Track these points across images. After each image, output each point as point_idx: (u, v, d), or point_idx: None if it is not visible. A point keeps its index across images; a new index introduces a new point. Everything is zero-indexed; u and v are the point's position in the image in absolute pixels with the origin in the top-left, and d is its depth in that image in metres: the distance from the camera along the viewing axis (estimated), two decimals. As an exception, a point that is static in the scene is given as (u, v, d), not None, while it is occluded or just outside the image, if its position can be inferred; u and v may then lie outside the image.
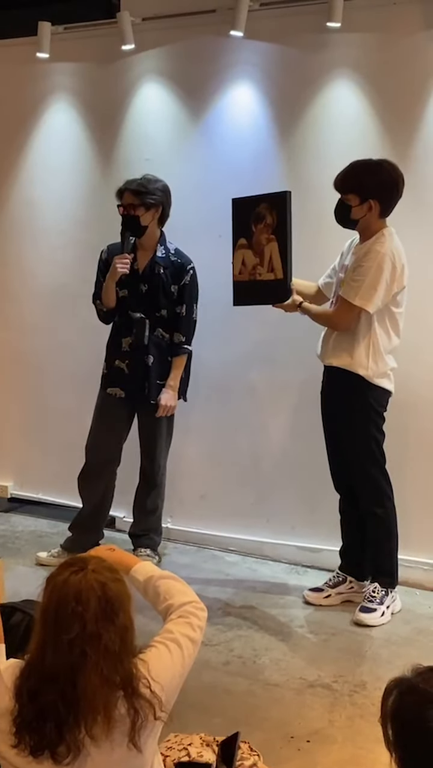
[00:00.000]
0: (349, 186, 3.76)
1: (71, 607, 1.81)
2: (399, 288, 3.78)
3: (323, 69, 4.30)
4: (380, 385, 3.84)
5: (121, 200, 4.21)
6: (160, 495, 4.52)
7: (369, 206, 3.74)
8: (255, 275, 3.92)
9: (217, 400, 4.68)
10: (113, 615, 1.83)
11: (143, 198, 4.16)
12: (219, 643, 3.58)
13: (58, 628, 1.81)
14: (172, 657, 1.96)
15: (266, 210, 3.86)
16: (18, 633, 2.44)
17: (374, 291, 3.70)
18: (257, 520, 4.61)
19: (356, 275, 3.74)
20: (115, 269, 4.18)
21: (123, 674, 1.84)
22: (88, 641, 1.80)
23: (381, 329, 3.80)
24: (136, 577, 2.17)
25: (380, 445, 3.89)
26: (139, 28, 4.68)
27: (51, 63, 4.96)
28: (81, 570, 1.86)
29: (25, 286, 5.22)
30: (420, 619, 3.90)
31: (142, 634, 1.97)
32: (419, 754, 1.53)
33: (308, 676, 3.34)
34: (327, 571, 4.21)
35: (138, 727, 1.84)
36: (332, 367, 3.88)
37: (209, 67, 4.59)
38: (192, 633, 2.03)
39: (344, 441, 3.94)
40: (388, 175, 3.75)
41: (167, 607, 2.10)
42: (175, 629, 2.03)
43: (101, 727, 1.81)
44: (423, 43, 4.10)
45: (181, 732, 2.41)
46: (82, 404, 4.66)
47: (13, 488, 5.37)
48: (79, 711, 1.80)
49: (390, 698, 1.59)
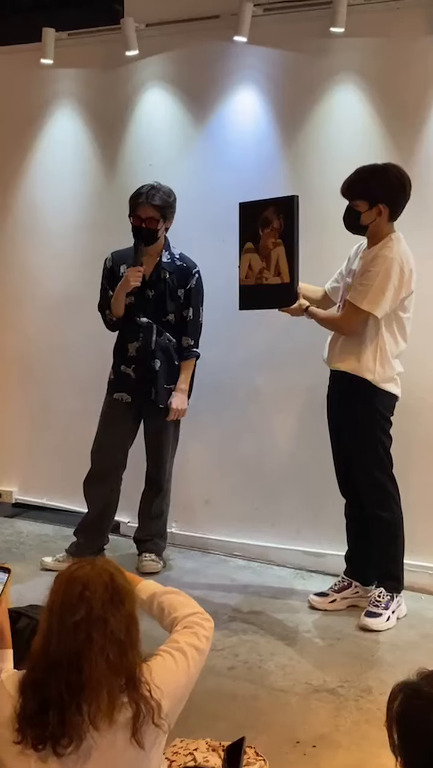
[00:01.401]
0: (357, 192, 3.76)
1: (78, 591, 1.83)
2: (407, 293, 3.78)
3: (326, 74, 4.31)
4: (386, 389, 3.84)
5: (137, 211, 4.19)
6: (166, 500, 4.52)
7: (378, 211, 3.74)
8: (262, 279, 3.92)
9: (222, 405, 4.68)
10: (119, 602, 1.85)
11: (163, 211, 4.17)
12: (224, 648, 3.58)
13: (64, 612, 1.82)
14: (177, 666, 1.96)
15: (273, 214, 3.86)
16: (24, 638, 2.43)
17: (382, 296, 3.70)
18: (262, 525, 4.61)
19: (364, 280, 3.75)
20: (128, 282, 4.18)
21: (127, 666, 1.84)
22: (94, 625, 1.81)
23: (388, 334, 3.80)
24: (139, 595, 2.15)
25: (387, 450, 3.89)
26: (143, 34, 4.69)
27: (55, 69, 4.98)
28: (89, 564, 1.89)
29: (29, 290, 5.23)
30: (426, 623, 3.89)
31: (148, 639, 1.97)
32: (425, 757, 1.53)
33: (314, 681, 3.33)
34: (332, 575, 4.20)
35: (140, 722, 1.83)
36: (339, 371, 3.88)
37: (213, 73, 4.60)
38: (198, 643, 2.03)
39: (351, 445, 3.94)
40: (395, 179, 3.75)
41: (172, 620, 2.11)
42: (181, 639, 2.03)
43: (104, 716, 1.80)
44: (426, 47, 4.10)
45: (187, 737, 2.41)
46: (87, 409, 4.67)
47: (18, 493, 5.37)
48: (82, 698, 1.80)
49: (395, 702, 1.59)
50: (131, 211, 4.23)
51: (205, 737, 2.44)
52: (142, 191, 4.20)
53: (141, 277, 4.20)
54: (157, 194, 4.18)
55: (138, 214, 4.20)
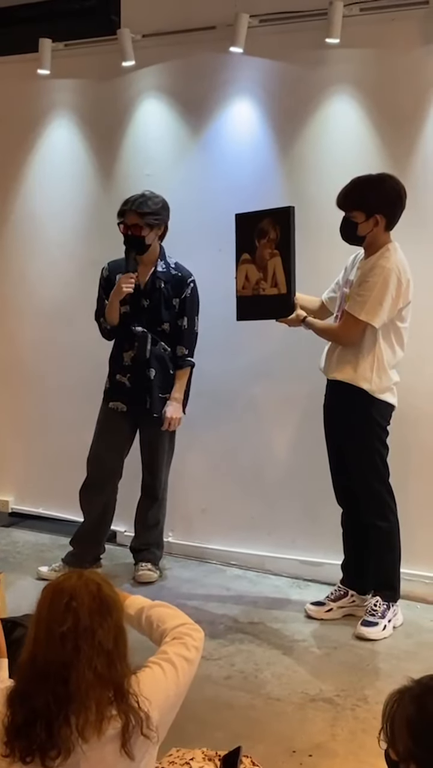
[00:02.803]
0: (353, 203, 3.77)
1: (65, 601, 1.81)
2: (404, 303, 3.79)
3: (322, 84, 4.33)
4: (383, 399, 3.84)
5: (124, 219, 4.22)
6: (162, 509, 4.52)
7: (375, 221, 3.75)
8: (258, 290, 3.93)
9: (218, 414, 4.68)
10: (107, 613, 1.83)
11: (148, 219, 4.18)
12: (220, 658, 3.58)
13: (51, 622, 1.80)
14: (166, 677, 1.95)
15: (269, 225, 3.87)
16: (19, 648, 2.43)
17: (379, 306, 3.71)
18: (259, 534, 4.61)
19: (361, 290, 3.75)
20: (120, 289, 4.19)
21: (115, 678, 1.82)
22: (81, 636, 1.79)
23: (386, 344, 3.81)
24: (127, 611, 2.12)
25: (383, 459, 3.89)
26: (140, 45, 4.71)
27: (52, 79, 4.99)
28: (75, 575, 1.88)
29: (26, 299, 5.24)
30: (422, 632, 3.89)
31: (145, 650, 1.97)
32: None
33: (310, 690, 3.33)
34: (329, 584, 4.20)
35: (129, 732, 1.82)
36: (336, 381, 3.89)
37: (209, 83, 4.61)
38: (187, 653, 2.02)
39: (348, 455, 3.94)
40: (391, 189, 3.76)
41: (162, 632, 2.09)
42: (170, 650, 2.02)
43: (93, 727, 1.79)
44: (422, 58, 4.12)
45: (183, 746, 2.40)
46: (82, 418, 4.67)
47: (14, 503, 5.37)
48: (70, 709, 1.78)
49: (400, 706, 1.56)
50: (119, 217, 4.25)
51: (201, 747, 2.43)
52: (130, 199, 4.22)
53: (133, 283, 4.21)
54: (146, 202, 4.19)
55: (124, 221, 4.22)
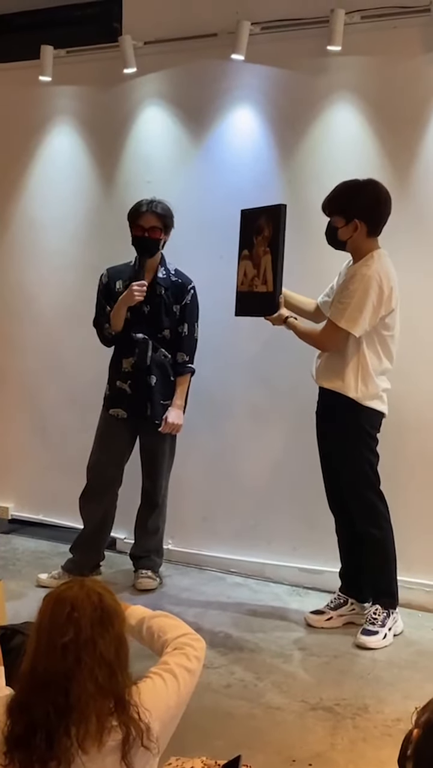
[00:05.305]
0: (333, 207, 3.76)
1: (66, 611, 1.80)
2: (387, 311, 3.74)
3: (323, 92, 4.33)
4: (371, 406, 3.81)
5: (140, 221, 4.20)
6: (162, 516, 4.51)
7: (355, 226, 3.73)
8: (253, 287, 3.92)
9: (218, 421, 4.67)
10: (108, 623, 1.82)
11: (167, 221, 4.18)
12: (220, 666, 3.56)
13: (52, 633, 1.79)
14: (167, 687, 1.94)
15: (265, 223, 3.86)
16: (19, 655, 2.41)
17: (359, 314, 3.67)
18: (259, 542, 4.60)
19: (342, 297, 3.73)
20: (132, 295, 4.16)
21: (116, 689, 1.81)
22: (83, 647, 1.78)
23: (370, 352, 3.77)
24: (128, 621, 2.10)
25: (373, 467, 3.87)
26: (141, 52, 4.71)
27: (53, 86, 5.00)
28: (77, 584, 1.86)
29: (26, 306, 5.24)
30: (422, 641, 3.88)
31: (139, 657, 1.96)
32: None
33: (310, 699, 3.31)
34: (329, 592, 4.19)
35: (130, 743, 1.80)
36: (325, 388, 3.88)
37: (210, 90, 4.62)
38: (188, 663, 2.01)
39: (337, 462, 3.93)
40: (370, 195, 3.74)
41: (163, 643, 2.08)
42: (171, 660, 2.01)
43: (93, 739, 1.78)
44: (423, 66, 4.13)
45: (183, 755, 2.39)
46: (82, 425, 4.66)
47: (14, 510, 5.36)
48: (70, 720, 1.76)
49: None
50: (133, 221, 4.22)
51: (201, 755, 2.43)
52: (144, 202, 4.21)
53: (145, 291, 4.19)
54: (160, 204, 4.20)
55: (140, 224, 4.19)
